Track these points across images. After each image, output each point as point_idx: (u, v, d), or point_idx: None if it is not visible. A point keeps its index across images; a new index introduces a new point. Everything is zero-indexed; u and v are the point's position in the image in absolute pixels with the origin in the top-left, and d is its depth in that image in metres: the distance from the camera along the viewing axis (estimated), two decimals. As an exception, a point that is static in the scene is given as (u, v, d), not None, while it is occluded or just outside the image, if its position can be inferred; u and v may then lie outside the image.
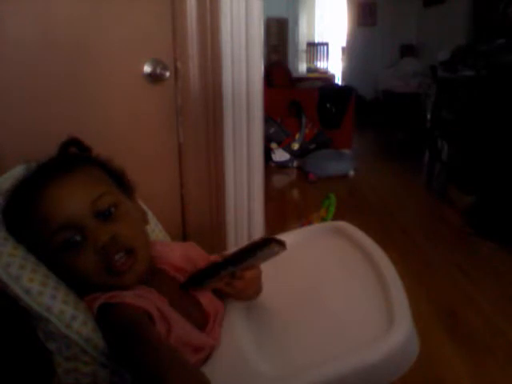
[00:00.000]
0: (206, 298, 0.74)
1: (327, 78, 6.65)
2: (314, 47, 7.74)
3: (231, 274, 0.72)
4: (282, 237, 1.01)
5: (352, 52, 6.62)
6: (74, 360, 0.64)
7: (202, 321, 0.72)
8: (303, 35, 7.43)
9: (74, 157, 0.73)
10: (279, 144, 4.02)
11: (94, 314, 0.64)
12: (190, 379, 0.55)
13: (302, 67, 7.50)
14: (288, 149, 4.02)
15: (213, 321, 0.73)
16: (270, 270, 0.91)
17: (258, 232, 1.47)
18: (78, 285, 0.68)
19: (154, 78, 1.15)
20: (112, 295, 0.64)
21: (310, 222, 2.17)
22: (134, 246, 0.67)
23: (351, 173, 3.74)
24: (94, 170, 0.71)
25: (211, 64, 1.24)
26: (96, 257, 0.64)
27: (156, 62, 1.14)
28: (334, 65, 7.61)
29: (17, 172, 0.73)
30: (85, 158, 0.73)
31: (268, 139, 3.87)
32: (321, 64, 7.77)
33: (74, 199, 0.64)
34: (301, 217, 2.60)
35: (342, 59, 7.07)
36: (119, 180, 0.74)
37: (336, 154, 3.88)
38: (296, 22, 7.19)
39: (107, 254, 0.64)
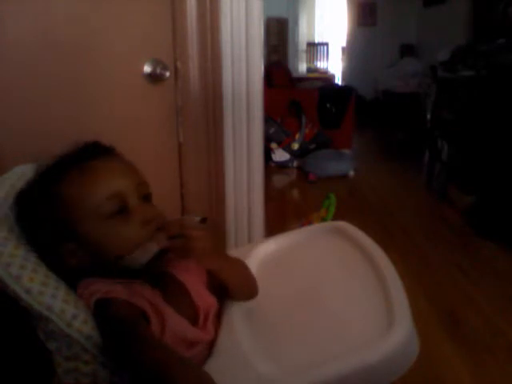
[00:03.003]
0: (197, 292, 0.74)
1: (327, 78, 6.67)
2: (314, 47, 7.74)
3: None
4: (283, 237, 1.02)
5: (352, 52, 6.61)
6: (74, 360, 0.64)
7: (193, 315, 0.72)
8: (303, 35, 7.43)
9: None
10: (279, 144, 4.02)
11: (91, 309, 0.65)
12: (191, 374, 0.56)
13: (302, 67, 7.50)
14: (288, 149, 4.02)
15: (204, 316, 0.73)
16: (270, 269, 0.91)
17: (258, 232, 1.47)
18: (102, 259, 0.67)
19: (154, 78, 1.15)
20: (107, 291, 0.65)
21: (310, 222, 2.17)
22: None
23: (351, 173, 3.74)
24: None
25: (211, 64, 1.24)
26: (140, 229, 0.67)
27: (156, 62, 1.14)
28: (334, 65, 7.61)
29: (21, 170, 0.74)
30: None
31: (268, 139, 3.86)
32: (321, 64, 7.77)
33: (124, 176, 0.70)
34: (301, 217, 2.60)
35: (342, 59, 7.07)
36: None
37: (336, 153, 3.88)
38: (296, 22, 7.19)
39: (152, 229, 0.67)
